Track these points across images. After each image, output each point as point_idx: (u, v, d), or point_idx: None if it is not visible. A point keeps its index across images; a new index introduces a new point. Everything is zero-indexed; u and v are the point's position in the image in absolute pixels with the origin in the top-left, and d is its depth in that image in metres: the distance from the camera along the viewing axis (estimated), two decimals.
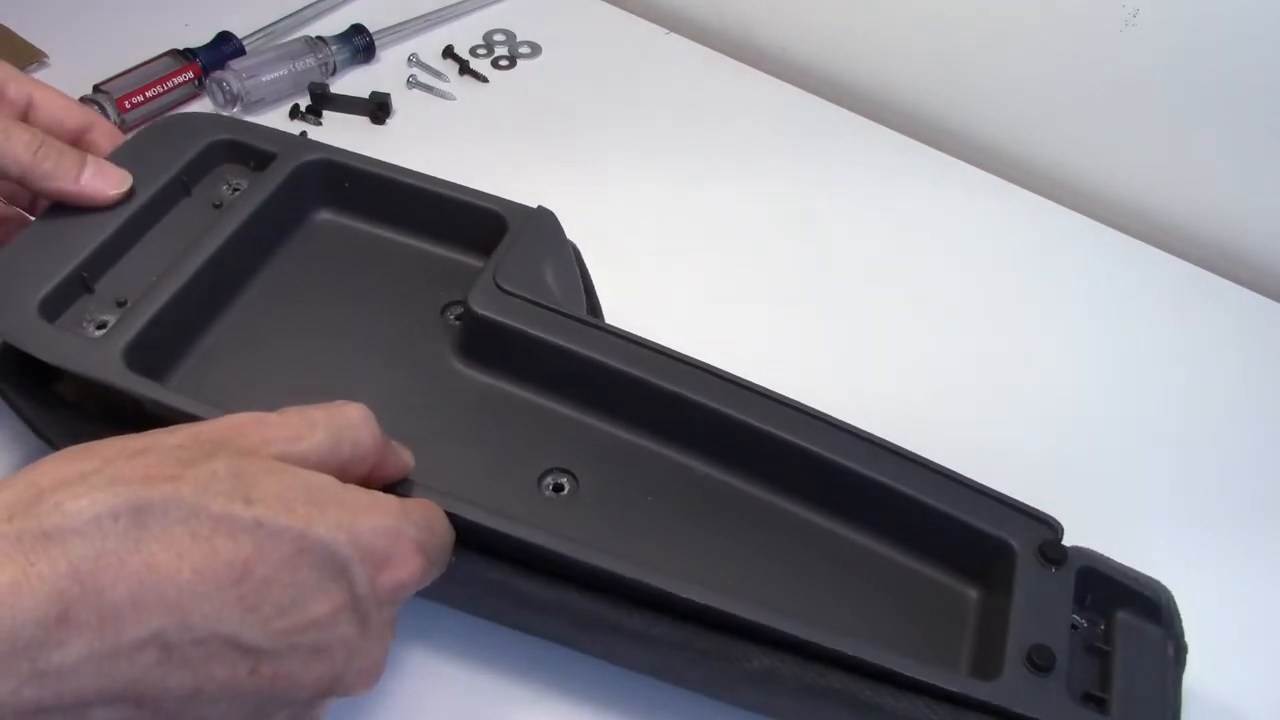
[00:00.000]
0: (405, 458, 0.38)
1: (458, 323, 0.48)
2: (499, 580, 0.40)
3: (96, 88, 0.67)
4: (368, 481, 0.36)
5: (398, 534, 0.33)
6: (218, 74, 0.69)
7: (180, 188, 0.49)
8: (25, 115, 0.47)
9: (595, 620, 0.39)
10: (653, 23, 0.81)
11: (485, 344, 0.47)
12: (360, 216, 0.52)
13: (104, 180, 0.45)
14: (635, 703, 0.44)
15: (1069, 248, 0.67)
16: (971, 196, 0.69)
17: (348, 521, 0.32)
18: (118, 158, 0.48)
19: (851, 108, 0.75)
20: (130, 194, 0.46)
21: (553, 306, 0.46)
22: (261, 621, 0.31)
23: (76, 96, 0.66)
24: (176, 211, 0.48)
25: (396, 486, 0.38)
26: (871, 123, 0.74)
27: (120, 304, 0.45)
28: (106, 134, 0.49)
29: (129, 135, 0.50)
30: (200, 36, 0.72)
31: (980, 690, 0.38)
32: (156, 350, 0.43)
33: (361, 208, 0.52)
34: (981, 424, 0.56)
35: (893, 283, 0.63)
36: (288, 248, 0.50)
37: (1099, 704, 0.39)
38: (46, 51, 0.72)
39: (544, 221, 0.50)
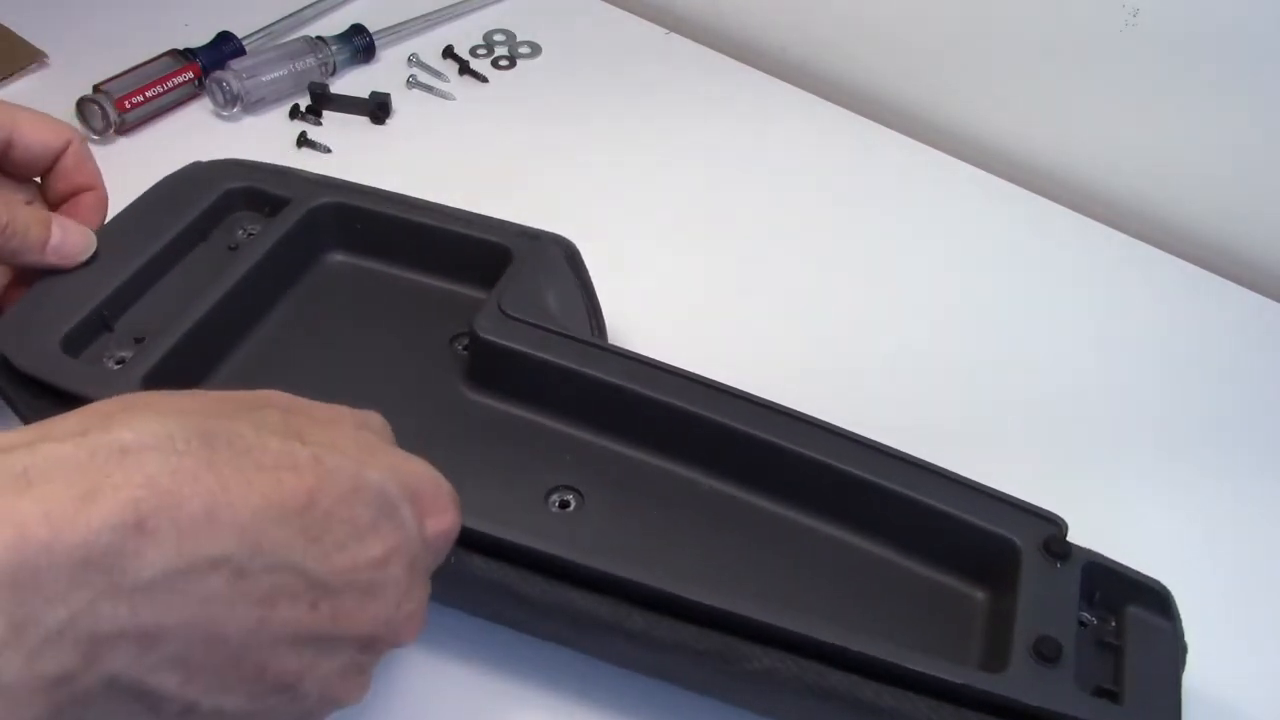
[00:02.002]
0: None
1: (466, 352, 0.49)
2: (500, 581, 0.40)
3: (96, 88, 0.67)
4: None
5: (438, 483, 0.35)
6: (218, 74, 0.69)
7: (197, 233, 0.51)
8: (7, 148, 0.48)
9: (596, 621, 0.39)
10: (653, 23, 0.81)
11: (492, 369, 0.48)
12: (370, 256, 0.54)
13: (70, 246, 0.46)
14: (636, 703, 0.44)
15: (1069, 247, 0.67)
16: (972, 196, 0.69)
17: (396, 465, 0.33)
18: (138, 206, 0.50)
19: (851, 108, 0.75)
20: (96, 255, 0.48)
21: (556, 329, 0.47)
22: (324, 555, 0.31)
23: (76, 97, 0.67)
24: (193, 255, 0.51)
25: None
26: (871, 123, 0.74)
27: (138, 340, 0.46)
28: (76, 155, 0.49)
29: (156, 183, 0.52)
30: (200, 36, 0.72)
31: (986, 682, 0.38)
32: (172, 383, 0.45)
33: (371, 247, 0.53)
34: (982, 423, 0.56)
35: (893, 283, 0.63)
36: (301, 287, 0.52)
37: (1111, 696, 0.39)
38: (46, 51, 0.72)
39: (546, 248, 0.51)
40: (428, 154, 0.69)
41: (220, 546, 0.28)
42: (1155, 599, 0.41)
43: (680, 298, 0.61)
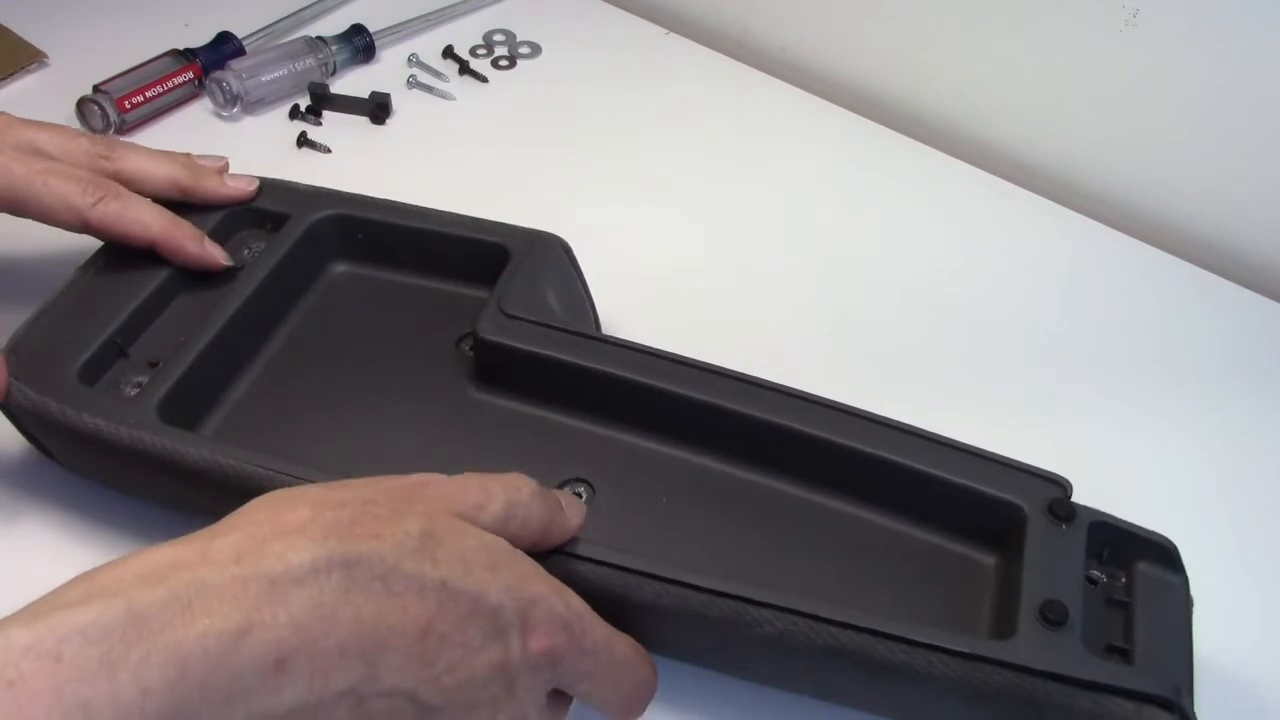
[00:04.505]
0: (570, 524, 0.39)
1: (472, 353, 0.50)
2: None
3: (96, 88, 0.67)
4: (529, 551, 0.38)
5: (550, 607, 0.35)
6: (218, 74, 0.69)
7: None
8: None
9: (606, 593, 0.39)
10: (653, 23, 0.81)
11: (497, 368, 0.49)
12: (373, 264, 0.54)
13: (240, 183, 0.52)
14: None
15: (1070, 248, 0.67)
16: (971, 196, 0.69)
17: (515, 587, 0.34)
18: None
19: (851, 108, 0.75)
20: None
21: (557, 325, 0.48)
22: (434, 678, 0.32)
23: (76, 97, 0.67)
24: (202, 276, 0.51)
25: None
26: (871, 123, 0.74)
27: (153, 365, 0.47)
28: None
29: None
30: (200, 36, 0.72)
31: (993, 649, 0.38)
32: (189, 405, 0.46)
33: (374, 256, 0.54)
34: (983, 412, 0.55)
35: (893, 279, 0.63)
36: (307, 300, 0.53)
37: (1122, 654, 0.39)
38: (46, 51, 0.72)
39: (544, 246, 0.52)
40: (428, 154, 0.69)
41: (347, 680, 0.31)
42: (1162, 554, 0.42)
43: (679, 296, 0.61)
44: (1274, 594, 0.50)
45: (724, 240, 0.65)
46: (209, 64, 0.70)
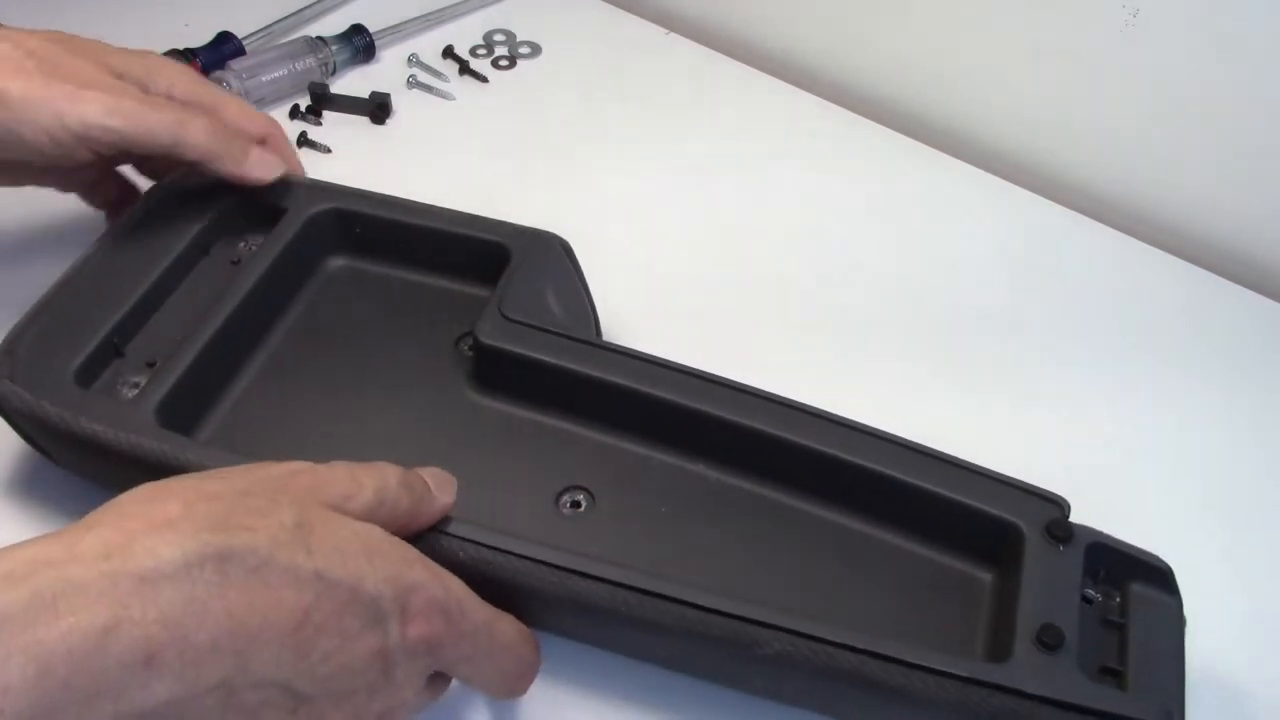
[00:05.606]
0: (438, 505, 0.40)
1: (471, 353, 0.50)
2: (506, 573, 0.40)
3: None
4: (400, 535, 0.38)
5: (429, 593, 0.35)
6: (218, 74, 0.69)
7: (200, 249, 0.51)
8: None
9: (606, 611, 0.39)
10: (653, 23, 0.81)
11: (496, 372, 0.48)
12: (372, 259, 0.54)
13: (265, 167, 0.51)
14: (641, 694, 0.44)
15: (1070, 248, 0.67)
16: (971, 197, 0.69)
17: (393, 576, 0.34)
18: (134, 219, 0.50)
19: (852, 108, 0.75)
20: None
21: (557, 331, 0.47)
22: (309, 668, 0.32)
23: None
24: (197, 271, 0.51)
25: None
26: (871, 123, 0.74)
27: (150, 365, 0.46)
28: (279, 142, 0.55)
29: (146, 192, 0.53)
30: (200, 36, 0.72)
31: (990, 673, 0.38)
32: (187, 406, 0.45)
33: (372, 251, 0.54)
34: (985, 426, 0.56)
35: (894, 281, 0.63)
36: (305, 295, 0.52)
37: (1116, 676, 0.39)
38: None
39: (544, 246, 0.51)
40: (428, 154, 0.69)
41: (219, 673, 0.31)
42: (1158, 576, 0.42)
43: (679, 295, 0.61)
44: (1271, 598, 0.50)
45: (723, 239, 0.65)
46: (209, 64, 0.70)
